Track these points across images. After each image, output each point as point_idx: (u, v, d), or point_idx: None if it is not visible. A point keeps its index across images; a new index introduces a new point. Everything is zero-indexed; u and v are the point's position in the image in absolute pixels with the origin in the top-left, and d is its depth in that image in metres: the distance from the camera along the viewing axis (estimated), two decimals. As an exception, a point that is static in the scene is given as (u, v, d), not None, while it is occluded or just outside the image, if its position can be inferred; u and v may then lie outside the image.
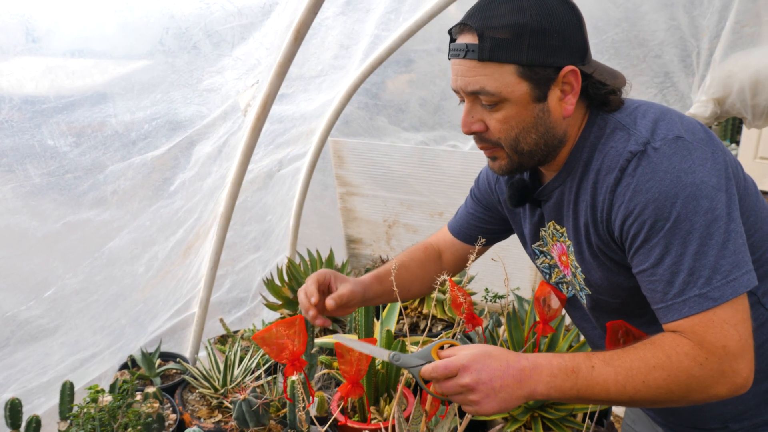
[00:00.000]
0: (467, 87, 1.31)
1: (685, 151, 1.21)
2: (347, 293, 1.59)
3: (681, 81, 2.69)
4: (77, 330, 1.96)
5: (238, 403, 2.00)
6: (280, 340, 1.60)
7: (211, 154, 2.24)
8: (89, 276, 1.94)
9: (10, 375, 1.81)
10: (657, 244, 1.20)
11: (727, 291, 1.16)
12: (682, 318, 1.19)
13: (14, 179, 1.66)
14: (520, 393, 1.21)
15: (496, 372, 1.21)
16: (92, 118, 1.75)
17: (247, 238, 2.88)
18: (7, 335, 1.76)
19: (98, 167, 1.76)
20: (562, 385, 1.20)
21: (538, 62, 1.26)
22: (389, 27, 2.59)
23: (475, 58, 1.27)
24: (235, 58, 1.98)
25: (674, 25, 2.57)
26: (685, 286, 1.18)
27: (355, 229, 3.42)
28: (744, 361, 1.16)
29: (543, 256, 1.60)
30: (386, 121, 3.04)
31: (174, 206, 2.14)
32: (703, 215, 1.17)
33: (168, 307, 2.44)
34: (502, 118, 1.31)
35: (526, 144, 1.34)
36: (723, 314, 1.16)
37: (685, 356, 1.16)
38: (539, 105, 1.30)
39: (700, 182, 1.18)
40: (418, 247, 1.87)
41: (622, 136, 1.28)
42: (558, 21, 1.26)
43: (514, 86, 1.27)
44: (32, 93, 1.64)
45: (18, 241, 1.74)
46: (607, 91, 1.33)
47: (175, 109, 1.96)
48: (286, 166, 2.89)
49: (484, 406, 1.21)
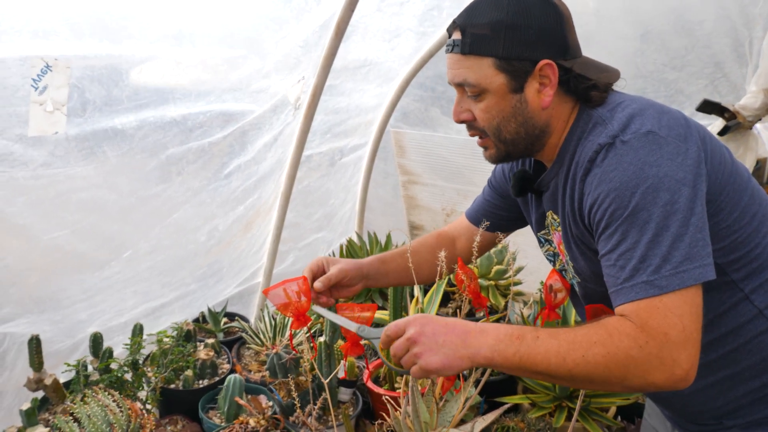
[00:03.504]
0: (454, 79, 1.42)
1: (655, 145, 1.23)
2: (336, 273, 1.69)
3: (733, 71, 2.62)
4: (147, 282, 2.39)
5: (271, 356, 2.33)
6: (287, 296, 1.84)
7: (266, 143, 2.58)
8: (158, 240, 2.35)
9: (93, 314, 2.27)
10: (616, 231, 1.24)
11: (674, 281, 1.17)
12: (628, 302, 1.21)
13: (96, 160, 2.08)
14: (464, 352, 1.24)
15: (440, 328, 1.26)
16: (156, 115, 2.12)
17: (310, 219, 3.21)
18: (91, 283, 2.22)
19: (160, 148, 2.14)
20: (506, 350, 1.23)
21: (514, 55, 1.35)
22: (434, 23, 2.78)
23: (459, 51, 1.39)
24: (276, 62, 2.29)
25: (724, 15, 2.51)
26: (635, 272, 1.20)
27: (417, 216, 3.63)
28: (685, 353, 1.16)
29: (548, 244, 1.65)
30: (439, 112, 3.23)
31: (231, 186, 2.51)
32: (662, 207, 1.19)
33: (233, 273, 2.83)
34: (484, 108, 1.42)
35: (507, 133, 1.43)
36: (669, 303, 1.17)
37: (626, 336, 1.18)
38: (516, 95, 1.39)
39: (664, 175, 1.20)
40: (432, 234, 2.00)
41: (600, 130, 1.33)
42: (535, 18, 1.34)
43: (492, 77, 1.37)
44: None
45: (100, 210, 2.17)
46: (588, 86, 1.38)
47: (227, 107, 2.30)
48: (347, 155, 3.19)
49: (426, 358, 1.24)
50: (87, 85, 1.97)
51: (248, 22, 2.15)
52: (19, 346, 2.20)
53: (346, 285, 1.75)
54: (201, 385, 2.36)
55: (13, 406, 2.24)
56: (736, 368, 1.40)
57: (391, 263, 1.82)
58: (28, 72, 1.87)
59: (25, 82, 1.89)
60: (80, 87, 1.96)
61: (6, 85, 1.88)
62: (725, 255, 1.34)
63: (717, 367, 1.40)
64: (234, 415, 2.14)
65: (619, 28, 2.61)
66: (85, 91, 1.98)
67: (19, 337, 2.20)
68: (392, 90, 3.12)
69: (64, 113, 1.99)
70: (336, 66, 2.50)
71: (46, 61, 1.95)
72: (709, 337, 1.37)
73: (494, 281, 3.05)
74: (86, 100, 1.99)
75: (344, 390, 2.23)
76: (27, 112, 1.91)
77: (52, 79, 1.96)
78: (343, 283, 1.74)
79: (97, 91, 1.99)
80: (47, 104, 1.99)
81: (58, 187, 2.05)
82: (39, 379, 2.13)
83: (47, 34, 1.84)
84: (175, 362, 2.14)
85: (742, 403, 1.42)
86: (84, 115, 1.99)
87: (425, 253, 1.87)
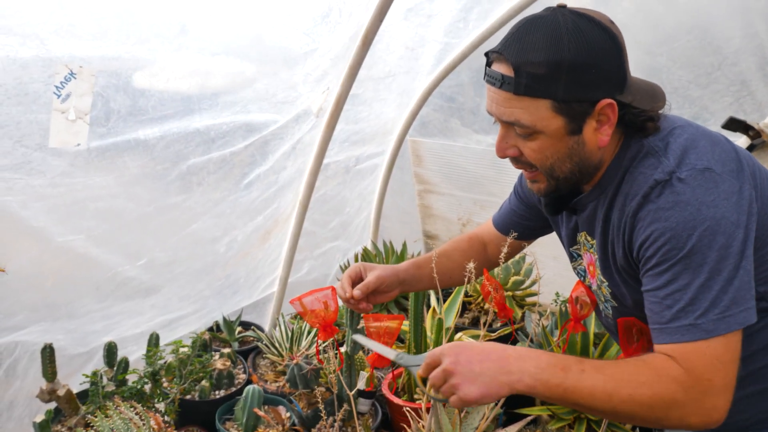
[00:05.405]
0: (502, 116, 1.32)
1: (712, 183, 1.21)
2: (373, 280, 1.73)
3: (759, 90, 2.59)
4: (166, 296, 2.37)
5: (291, 367, 2.31)
6: (315, 307, 1.83)
7: (285, 152, 2.55)
8: (176, 251, 2.32)
9: (109, 324, 2.24)
10: (667, 270, 1.23)
11: (721, 326, 1.18)
12: (673, 343, 1.21)
13: (116, 170, 2.05)
14: (503, 379, 1.21)
15: (476, 356, 1.24)
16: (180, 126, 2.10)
17: (325, 228, 3.19)
18: (107, 293, 2.19)
19: (182, 159, 2.12)
20: (550, 380, 1.21)
21: (574, 98, 1.25)
22: (459, 35, 2.76)
23: (510, 90, 1.27)
24: (305, 74, 2.27)
25: (751, 33, 2.48)
26: (683, 313, 1.20)
27: (432, 225, 3.61)
28: (723, 399, 1.19)
29: (579, 259, 1.65)
30: (459, 123, 3.20)
31: (251, 196, 2.49)
32: (717, 251, 1.18)
33: (249, 284, 2.81)
34: (536, 148, 1.33)
35: (561, 172, 1.37)
36: (715, 349, 1.19)
37: (673, 380, 1.18)
38: (574, 137, 1.31)
39: (721, 217, 1.19)
40: (463, 237, 1.99)
41: (652, 162, 1.29)
42: (596, 54, 1.24)
43: (548, 120, 1.28)
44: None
45: (117, 218, 2.14)
46: (645, 119, 1.33)
47: (252, 117, 2.28)
48: (362, 163, 3.16)
49: (465, 389, 1.22)
50: (112, 94, 1.94)
51: (282, 36, 2.13)
52: (31, 354, 2.17)
53: (383, 291, 1.78)
54: (218, 396, 2.34)
55: (24, 416, 2.21)
56: (766, 383, 1.42)
57: (425, 268, 1.81)
58: (51, 79, 1.85)
59: (48, 89, 1.86)
60: (105, 96, 1.93)
61: (27, 91, 1.84)
62: (765, 283, 1.33)
63: (747, 382, 1.40)
64: (252, 426, 2.12)
65: (645, 43, 2.58)
66: (109, 101, 1.94)
67: (31, 345, 2.17)
68: (413, 100, 3.09)
69: (87, 122, 1.96)
70: (360, 76, 2.48)
71: (71, 68, 1.92)
72: (741, 355, 1.35)
73: (511, 292, 3.04)
74: (110, 109, 1.96)
75: (363, 401, 2.22)
76: (48, 119, 1.88)
77: (76, 87, 1.93)
78: (380, 290, 1.76)
79: (122, 100, 1.95)
80: (69, 113, 1.96)
81: (76, 196, 2.02)
82: (52, 390, 2.09)
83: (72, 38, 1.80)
84: (195, 373, 2.11)
85: (739, 409, 1.40)
86: (108, 125, 1.96)
87: (459, 258, 1.88)
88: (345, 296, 1.75)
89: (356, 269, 1.79)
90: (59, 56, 1.81)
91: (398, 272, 1.79)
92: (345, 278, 1.78)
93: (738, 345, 1.22)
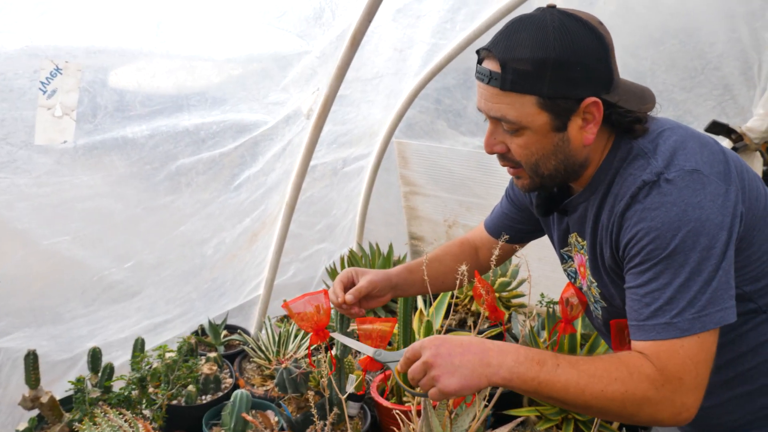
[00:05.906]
0: (489, 112, 1.35)
1: (699, 184, 1.22)
2: (366, 284, 1.73)
3: (741, 94, 2.64)
4: (152, 299, 2.31)
5: (280, 371, 2.27)
6: (307, 311, 1.80)
7: (275, 153, 2.52)
8: (163, 253, 2.27)
9: (95, 329, 2.18)
10: (649, 268, 1.24)
11: (696, 325, 1.20)
12: (649, 341, 1.23)
13: (103, 169, 2.00)
14: (481, 371, 1.23)
15: (456, 348, 1.25)
16: (169, 123, 2.05)
17: (312, 230, 3.15)
18: (94, 297, 2.13)
19: (171, 159, 2.07)
20: (525, 373, 1.23)
21: (559, 94, 1.27)
22: (446, 36, 2.75)
23: (497, 86, 1.29)
24: (296, 74, 2.24)
25: (735, 37, 2.53)
26: (659, 312, 1.22)
27: (418, 227, 3.60)
28: (693, 397, 1.21)
29: (570, 261, 1.66)
30: (445, 125, 3.20)
31: (240, 198, 2.44)
32: (699, 252, 1.20)
33: (236, 287, 2.76)
34: (522, 144, 1.35)
35: (546, 169, 1.38)
36: (689, 348, 1.20)
37: (645, 378, 1.20)
38: (559, 134, 1.33)
39: (706, 219, 1.20)
40: (455, 242, 1.99)
41: (641, 164, 1.30)
42: (581, 53, 1.26)
43: (534, 116, 1.30)
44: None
45: (105, 220, 2.09)
46: (631, 120, 1.34)
47: (242, 117, 2.24)
48: (350, 164, 3.14)
49: (444, 381, 1.23)
50: (98, 89, 1.89)
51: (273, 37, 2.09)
52: (14, 361, 2.10)
53: (376, 296, 1.78)
54: (204, 401, 2.30)
55: (7, 424, 2.14)
56: (755, 384, 1.43)
57: (418, 272, 1.80)
58: (36, 74, 1.79)
59: (33, 84, 1.80)
60: (91, 91, 1.88)
61: (12, 87, 1.79)
62: (753, 283, 1.35)
63: (736, 384, 1.43)
64: (241, 431, 2.08)
65: (631, 46, 2.61)
66: (96, 96, 1.89)
67: (14, 352, 2.10)
68: (400, 101, 3.08)
69: (74, 119, 1.90)
70: (348, 77, 2.46)
71: (57, 63, 1.86)
72: (729, 356, 1.40)
73: (498, 293, 3.05)
74: (97, 104, 1.90)
75: (352, 404, 2.19)
76: (34, 116, 1.82)
77: (62, 83, 1.87)
78: (372, 294, 1.76)
79: (109, 95, 1.90)
80: (56, 109, 1.90)
81: (63, 195, 1.96)
82: (35, 397, 2.02)
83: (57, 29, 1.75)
84: (182, 378, 2.06)
85: (758, 416, 1.44)
86: (94, 121, 1.90)
87: (450, 262, 1.88)
88: (337, 301, 1.74)
89: (348, 274, 1.78)
90: (43, 48, 1.76)
91: (390, 277, 1.80)
92: (337, 283, 1.77)
93: (713, 345, 1.23)
